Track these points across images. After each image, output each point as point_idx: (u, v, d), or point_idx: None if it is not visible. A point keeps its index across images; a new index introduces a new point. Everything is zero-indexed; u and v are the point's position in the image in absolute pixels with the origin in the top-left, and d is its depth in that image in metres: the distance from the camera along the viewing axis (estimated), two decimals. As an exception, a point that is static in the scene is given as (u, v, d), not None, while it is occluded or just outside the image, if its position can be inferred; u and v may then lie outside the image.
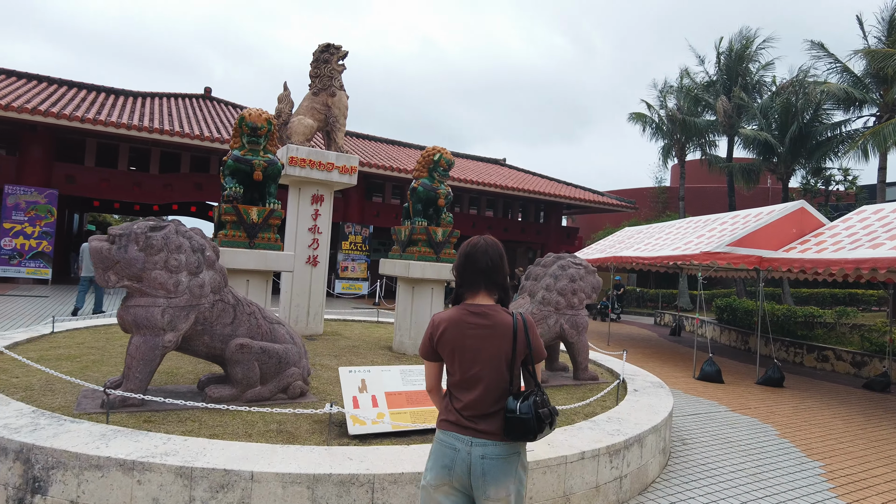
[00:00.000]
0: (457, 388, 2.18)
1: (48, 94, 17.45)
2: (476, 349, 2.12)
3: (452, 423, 2.15)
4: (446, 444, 2.15)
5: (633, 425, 4.62)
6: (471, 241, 2.29)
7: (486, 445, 2.08)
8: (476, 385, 2.12)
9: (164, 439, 3.51)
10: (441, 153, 7.38)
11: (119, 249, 4.27)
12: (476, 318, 2.15)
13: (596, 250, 16.26)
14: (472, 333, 2.12)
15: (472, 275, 2.20)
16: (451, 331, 2.15)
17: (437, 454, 2.17)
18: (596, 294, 6.84)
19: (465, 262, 2.23)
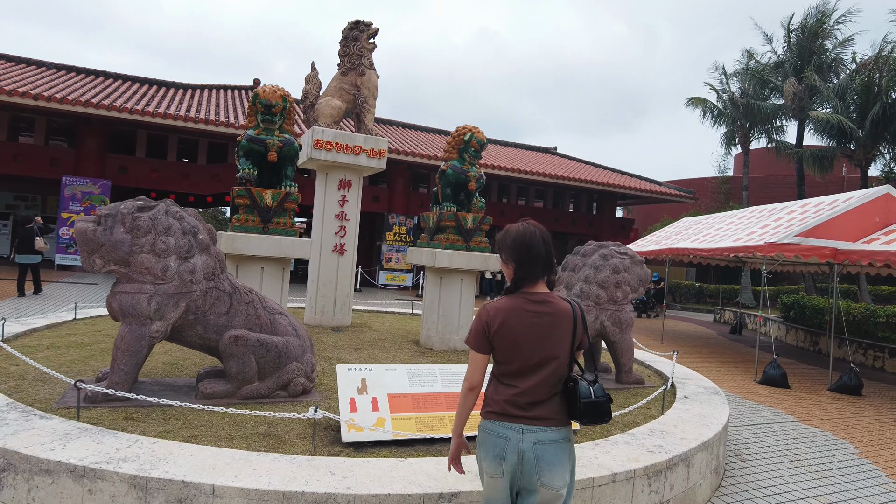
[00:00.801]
0: (512, 376, 2.14)
1: (102, 87, 17.91)
2: (540, 337, 2.10)
3: (499, 413, 2.12)
4: (495, 433, 2.12)
5: (678, 440, 3.94)
6: (521, 229, 2.19)
7: (538, 431, 2.08)
8: (537, 372, 2.10)
9: (130, 441, 3.13)
10: (472, 132, 6.80)
11: (105, 231, 3.93)
12: (538, 306, 2.12)
13: (650, 242, 15.26)
14: (535, 322, 2.09)
15: (532, 264, 2.14)
16: (512, 320, 2.10)
17: (488, 444, 2.14)
18: (644, 287, 6.11)
19: (523, 251, 2.15)
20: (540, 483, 2.06)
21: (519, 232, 2.19)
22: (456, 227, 6.77)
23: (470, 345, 2.17)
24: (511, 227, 2.22)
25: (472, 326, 2.17)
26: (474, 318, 2.18)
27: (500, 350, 2.14)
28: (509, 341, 2.11)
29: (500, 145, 27.29)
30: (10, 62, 18.66)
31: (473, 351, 2.17)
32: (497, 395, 2.16)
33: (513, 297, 2.16)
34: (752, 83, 22.14)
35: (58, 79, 17.60)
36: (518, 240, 2.16)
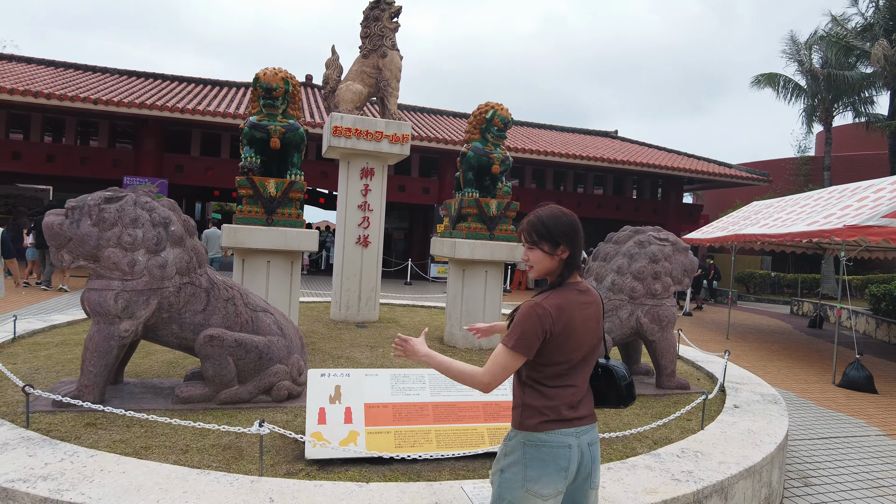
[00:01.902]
0: (563, 376, 1.91)
1: (159, 89, 18.46)
2: (591, 331, 1.93)
3: (556, 421, 1.89)
4: (557, 444, 1.87)
5: (715, 464, 3.24)
6: (562, 213, 1.93)
7: (589, 431, 1.95)
8: (584, 368, 1.96)
9: (67, 454, 2.82)
10: (495, 109, 6.20)
11: (71, 224, 3.68)
12: (585, 296, 1.94)
13: (716, 228, 14.05)
14: (584, 315, 1.91)
15: (581, 249, 1.94)
16: (574, 318, 1.87)
17: (549, 459, 1.86)
18: (689, 279, 5.34)
19: (576, 236, 1.91)
20: (592, 486, 1.97)
21: (565, 215, 1.93)
22: (478, 215, 6.21)
23: (518, 349, 1.82)
24: (547, 212, 1.94)
25: (526, 329, 1.82)
26: (525, 319, 1.83)
27: (559, 352, 1.87)
28: (572, 342, 1.88)
29: (556, 130, 26.23)
30: (78, 70, 19.61)
31: (516, 354, 1.83)
32: (550, 401, 1.89)
33: (565, 291, 1.90)
34: (834, 51, 20.02)
35: (119, 84, 18.29)
36: (570, 224, 1.91)
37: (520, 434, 1.89)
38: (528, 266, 1.95)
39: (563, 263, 1.91)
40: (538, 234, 1.90)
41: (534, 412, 1.89)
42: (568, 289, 1.90)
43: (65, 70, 19.29)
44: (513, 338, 1.82)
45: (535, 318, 1.81)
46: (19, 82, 15.67)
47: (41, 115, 17.35)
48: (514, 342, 1.81)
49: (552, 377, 1.90)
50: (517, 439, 1.90)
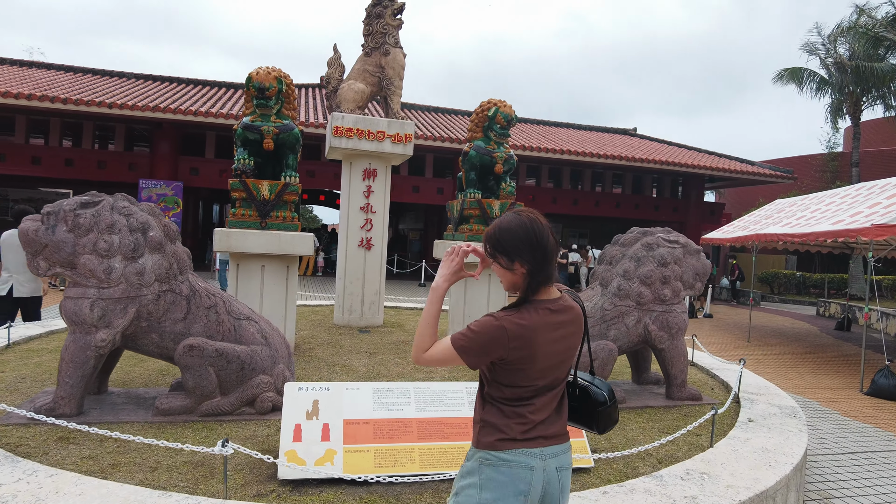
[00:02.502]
0: (525, 398, 1.71)
1: (174, 92, 18.58)
2: (563, 352, 1.73)
3: (520, 440, 1.69)
4: (517, 464, 1.67)
5: (723, 488, 2.98)
6: (521, 221, 1.69)
7: (558, 454, 1.74)
8: (555, 386, 1.76)
9: (25, 473, 2.68)
10: (497, 106, 5.98)
11: (47, 230, 3.57)
12: (560, 315, 1.71)
13: (736, 227, 13.60)
14: (553, 337, 1.68)
15: (547, 262, 1.68)
16: (538, 342, 1.64)
17: (506, 480, 1.67)
18: (701, 283, 5.05)
19: (537, 249, 1.67)
20: None
21: (522, 225, 1.68)
22: (480, 216, 5.99)
23: (462, 351, 1.64)
24: (506, 220, 1.72)
25: (480, 341, 1.62)
26: (482, 331, 1.62)
27: (520, 376, 1.68)
28: (535, 367, 1.68)
29: (573, 129, 25.83)
30: (96, 75, 19.84)
31: (460, 356, 1.65)
32: (511, 419, 1.71)
33: (532, 310, 1.67)
34: (862, 43, 19.33)
35: (135, 88, 18.45)
36: (524, 236, 1.67)
37: (478, 452, 1.71)
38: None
39: (525, 278, 1.68)
40: (493, 246, 1.69)
41: (492, 429, 1.70)
42: (535, 307, 1.68)
43: (83, 75, 19.54)
44: (462, 341, 1.64)
45: (491, 335, 1.61)
46: (38, 88, 15.88)
47: (60, 119, 17.58)
48: (461, 347, 1.64)
49: (513, 399, 1.71)
50: (475, 458, 1.71)
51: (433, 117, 21.99)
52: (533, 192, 21.23)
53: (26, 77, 17.66)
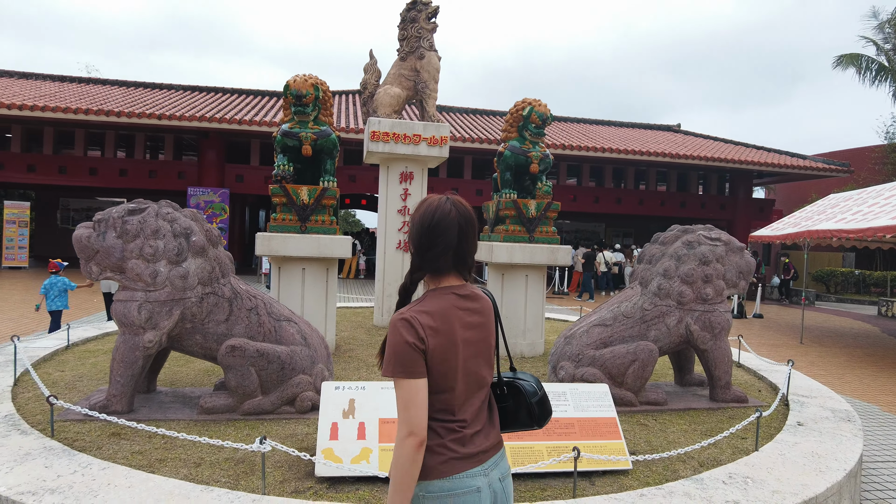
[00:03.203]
0: (455, 404, 1.57)
1: (219, 102, 19.21)
2: (476, 341, 1.60)
3: (460, 459, 1.54)
4: (464, 489, 1.52)
5: (768, 493, 2.88)
6: (434, 205, 1.62)
7: (498, 463, 1.63)
8: (479, 391, 1.63)
9: (80, 466, 2.83)
10: (532, 106, 5.94)
11: (98, 237, 3.75)
12: (469, 302, 1.61)
13: (787, 224, 13.08)
14: (473, 321, 1.60)
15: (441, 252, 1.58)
16: (448, 329, 1.53)
17: None
18: (746, 281, 4.90)
19: (426, 235, 1.59)
20: None
21: (430, 208, 1.61)
22: (517, 217, 5.97)
23: (398, 373, 1.47)
24: (426, 200, 1.66)
25: (398, 348, 1.48)
26: (391, 335, 1.50)
27: (440, 371, 1.53)
28: (454, 357, 1.54)
29: (615, 126, 25.38)
30: (146, 88, 20.71)
31: (406, 380, 1.46)
32: (444, 438, 1.54)
33: (437, 297, 1.57)
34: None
35: (183, 99, 19.17)
36: (425, 217, 1.60)
37: (419, 486, 1.51)
38: None
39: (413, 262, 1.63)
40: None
41: (427, 454, 1.52)
42: (439, 294, 1.58)
43: (135, 89, 20.42)
44: (388, 364, 1.49)
45: (401, 329, 1.49)
46: (94, 102, 16.70)
47: (114, 132, 18.42)
48: (391, 368, 1.48)
49: (440, 410, 1.55)
50: (416, 499, 1.52)
51: (470, 119, 22.01)
52: (574, 192, 20.96)
53: (84, 93, 18.59)
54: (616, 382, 4.37)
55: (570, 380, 4.36)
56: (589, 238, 23.84)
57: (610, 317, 4.64)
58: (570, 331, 4.72)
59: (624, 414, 4.18)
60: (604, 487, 3.04)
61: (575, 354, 4.49)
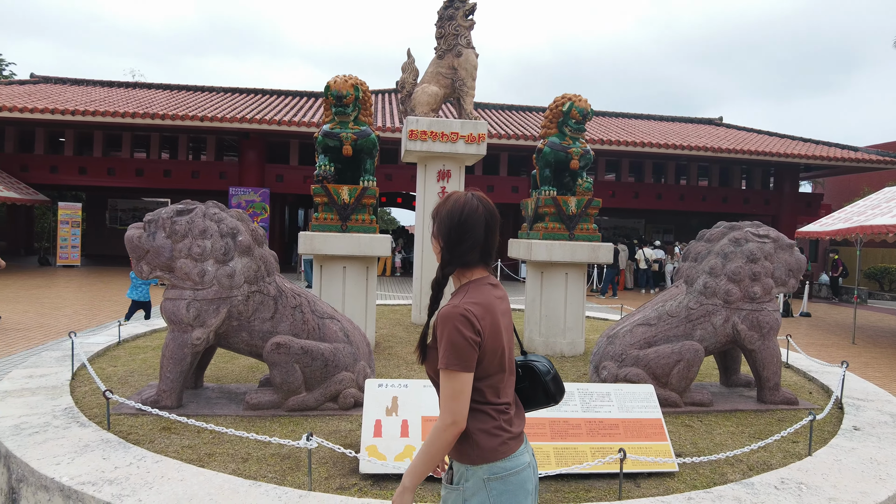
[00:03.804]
0: (501, 388, 1.66)
1: (259, 103, 19.61)
2: (508, 326, 1.70)
3: (511, 440, 1.63)
4: (520, 466, 1.62)
5: (824, 501, 2.77)
6: (461, 201, 1.67)
7: (529, 442, 1.75)
8: (512, 375, 1.73)
9: (136, 458, 2.94)
10: (572, 101, 5.87)
11: (148, 237, 3.88)
12: (499, 291, 1.72)
13: (838, 219, 12.58)
14: (504, 309, 1.70)
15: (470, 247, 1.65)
16: (495, 318, 1.62)
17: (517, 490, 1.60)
18: (795, 279, 4.73)
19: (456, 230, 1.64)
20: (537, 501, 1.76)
21: (457, 204, 1.67)
22: (556, 214, 5.90)
23: (454, 366, 1.52)
24: (452, 196, 1.71)
25: (457, 341, 1.52)
26: (448, 329, 1.53)
27: (492, 358, 1.61)
28: (499, 345, 1.63)
29: (655, 120, 24.84)
30: (189, 91, 21.31)
31: (460, 373, 1.53)
32: (499, 420, 1.63)
33: (478, 287, 1.65)
34: None
35: (224, 101, 19.65)
36: (454, 214, 1.66)
37: (478, 470, 1.58)
38: None
39: (441, 254, 1.67)
40: (433, 215, 1.71)
41: (487, 436, 1.60)
42: (476, 285, 1.65)
43: (178, 92, 21.03)
44: (445, 356, 1.53)
45: (463, 324, 1.53)
46: (140, 106, 17.27)
47: (159, 134, 19.01)
48: (447, 360, 1.52)
49: (492, 394, 1.62)
50: (476, 478, 1.58)
51: (506, 115, 21.88)
52: (613, 188, 20.63)
53: (130, 97, 19.24)
54: (660, 383, 4.28)
55: (612, 380, 4.29)
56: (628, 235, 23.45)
57: (654, 316, 4.55)
58: (613, 330, 4.65)
59: (668, 415, 4.10)
60: (649, 490, 2.99)
61: (618, 354, 4.42)
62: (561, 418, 3.30)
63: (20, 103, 16.24)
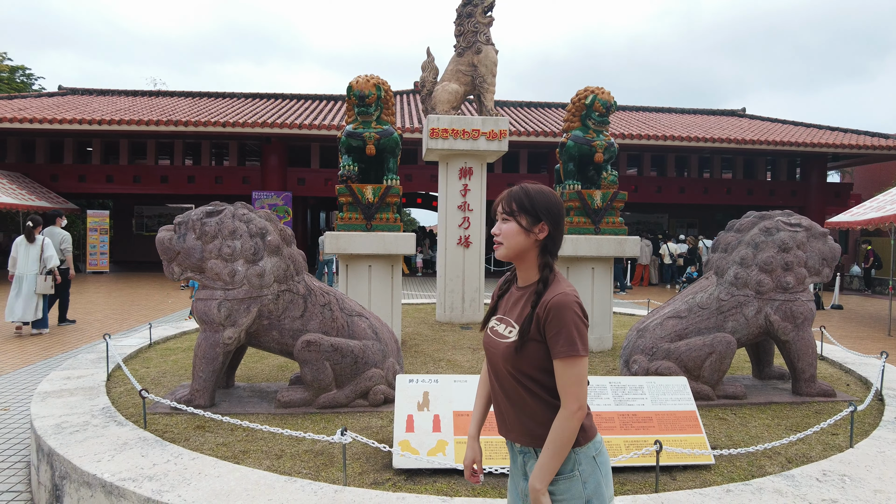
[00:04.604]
0: None
1: (279, 108, 19.82)
2: None
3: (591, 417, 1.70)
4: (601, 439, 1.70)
5: (870, 493, 2.70)
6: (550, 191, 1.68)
7: None
8: None
9: (173, 455, 2.99)
10: (595, 94, 5.81)
11: (178, 239, 3.94)
12: None
13: (870, 209, 12.29)
14: None
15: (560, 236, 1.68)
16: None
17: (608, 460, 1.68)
18: (829, 268, 4.63)
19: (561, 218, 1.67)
20: None
21: (553, 194, 1.68)
22: (581, 208, 5.85)
23: (584, 351, 1.54)
24: (534, 184, 1.70)
25: (580, 326, 1.55)
26: (572, 315, 1.54)
27: None
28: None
29: (676, 113, 24.51)
30: (210, 98, 21.63)
31: (585, 358, 1.55)
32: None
33: (560, 276, 1.65)
34: None
35: (245, 106, 19.91)
36: (558, 203, 1.66)
37: (587, 450, 1.60)
38: (496, 242, 1.66)
39: (540, 245, 1.63)
40: (518, 204, 1.62)
41: (587, 416, 1.63)
42: (557, 273, 1.65)
43: (200, 98, 21.36)
44: (572, 343, 1.52)
45: (578, 311, 1.55)
46: (163, 114, 17.58)
47: (182, 141, 19.33)
48: (576, 346, 1.52)
49: None
50: (587, 458, 1.59)
51: (526, 112, 21.79)
52: (635, 182, 20.39)
53: (153, 105, 19.60)
54: (692, 376, 4.22)
55: (643, 373, 4.24)
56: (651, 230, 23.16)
57: (685, 308, 4.49)
58: (643, 324, 4.60)
59: (701, 408, 4.03)
60: (685, 482, 2.94)
61: (648, 348, 4.37)
62: (594, 412, 3.27)
63: (50, 114, 16.65)
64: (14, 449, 4.05)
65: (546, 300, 1.56)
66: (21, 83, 27.07)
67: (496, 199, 1.70)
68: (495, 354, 1.67)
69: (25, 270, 8.01)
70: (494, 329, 1.71)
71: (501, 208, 1.66)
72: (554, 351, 1.53)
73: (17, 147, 19.01)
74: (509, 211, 1.63)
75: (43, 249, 8.13)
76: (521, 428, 1.63)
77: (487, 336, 1.73)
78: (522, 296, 1.67)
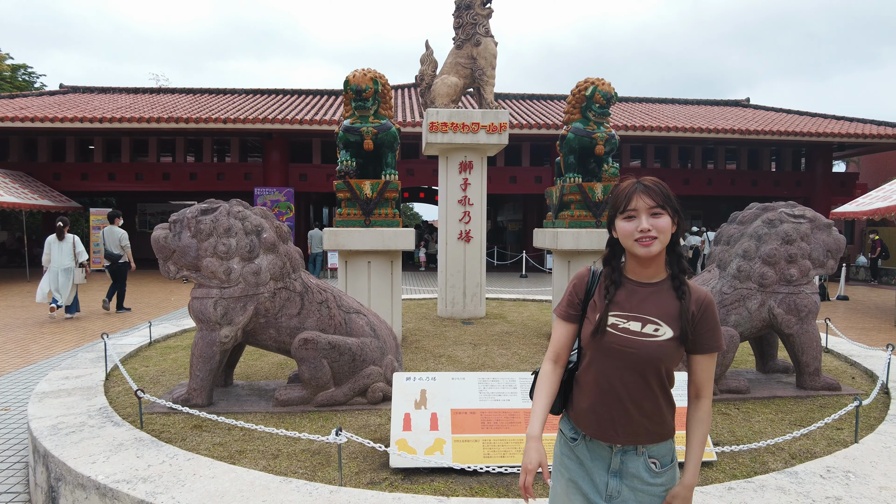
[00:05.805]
0: None
1: (280, 103, 19.76)
2: None
3: None
4: None
5: (874, 490, 2.65)
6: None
7: None
8: None
9: (168, 456, 2.96)
10: (595, 85, 5.74)
11: (174, 237, 3.90)
12: None
13: (876, 198, 12.18)
14: None
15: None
16: None
17: None
18: (834, 261, 4.56)
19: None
20: None
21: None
22: (582, 201, 5.79)
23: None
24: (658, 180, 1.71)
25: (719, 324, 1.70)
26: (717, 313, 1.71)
27: None
28: None
29: (679, 104, 24.32)
30: (212, 94, 21.59)
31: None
32: None
33: None
34: None
35: (246, 102, 19.85)
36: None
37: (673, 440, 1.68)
38: (648, 237, 1.55)
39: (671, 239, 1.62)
40: (665, 199, 1.58)
41: None
42: None
43: (201, 95, 21.32)
44: (722, 338, 1.64)
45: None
46: (165, 111, 17.55)
47: (184, 138, 19.30)
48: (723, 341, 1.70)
49: None
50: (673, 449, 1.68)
51: (528, 105, 21.66)
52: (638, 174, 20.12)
53: (155, 102, 19.57)
54: (694, 370, 4.16)
55: (644, 368, 4.19)
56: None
57: (685, 302, 4.42)
58: (643, 317, 4.53)
59: (704, 403, 3.98)
60: (688, 480, 2.90)
61: (649, 342, 4.31)
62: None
63: (51, 113, 16.65)
64: (13, 450, 4.03)
65: (697, 296, 1.60)
66: (23, 82, 27.09)
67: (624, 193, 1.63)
68: (634, 355, 1.56)
69: (59, 264, 9.21)
70: (628, 328, 1.58)
71: (653, 201, 1.58)
72: (707, 345, 1.59)
73: (20, 146, 19.03)
74: (661, 205, 1.58)
75: (74, 245, 9.42)
76: (636, 428, 1.58)
77: (616, 336, 1.58)
78: (653, 292, 1.61)
